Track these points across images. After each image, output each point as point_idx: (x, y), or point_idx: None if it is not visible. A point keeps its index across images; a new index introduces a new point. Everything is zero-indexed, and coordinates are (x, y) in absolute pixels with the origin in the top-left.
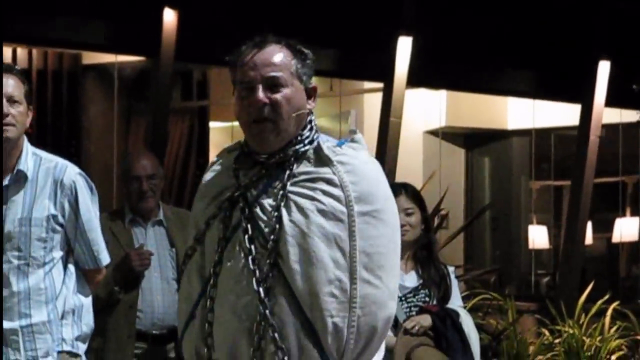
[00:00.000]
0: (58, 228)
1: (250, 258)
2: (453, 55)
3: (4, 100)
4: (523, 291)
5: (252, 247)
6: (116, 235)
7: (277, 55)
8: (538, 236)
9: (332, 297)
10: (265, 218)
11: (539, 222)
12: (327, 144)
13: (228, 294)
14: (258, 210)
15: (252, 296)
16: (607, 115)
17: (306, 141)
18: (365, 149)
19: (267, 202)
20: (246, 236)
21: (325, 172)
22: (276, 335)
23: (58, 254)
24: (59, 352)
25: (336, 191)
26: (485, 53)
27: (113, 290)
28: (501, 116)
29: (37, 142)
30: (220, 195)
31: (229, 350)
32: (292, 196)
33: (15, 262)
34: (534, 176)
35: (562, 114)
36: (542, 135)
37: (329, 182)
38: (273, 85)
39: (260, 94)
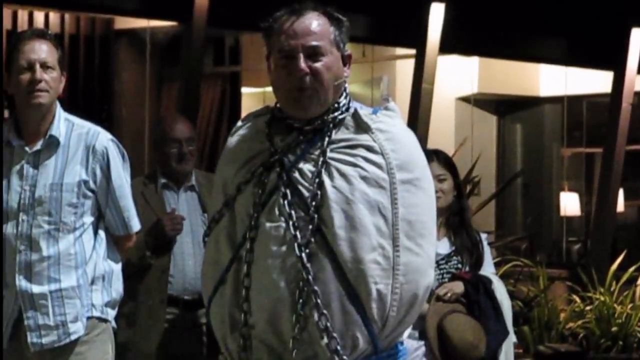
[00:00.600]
0: (89, 194)
1: (290, 223)
2: (485, 22)
3: (37, 66)
4: (554, 258)
5: (292, 212)
6: (148, 200)
7: (317, 23)
8: (569, 203)
9: (376, 264)
10: (305, 183)
11: (570, 189)
12: (362, 111)
13: (267, 259)
14: (297, 175)
15: (293, 261)
16: (639, 82)
17: (343, 108)
18: (399, 116)
19: (307, 167)
20: (285, 201)
21: (364, 139)
22: (319, 301)
23: (89, 219)
24: (89, 318)
25: (377, 158)
26: (517, 19)
27: (145, 255)
28: (533, 83)
29: (69, 106)
30: (252, 160)
31: (269, 315)
32: (332, 162)
33: (46, 226)
34: (565, 143)
35: (594, 81)
36: (574, 102)
37: (369, 149)
38: (314, 54)
39: (302, 63)
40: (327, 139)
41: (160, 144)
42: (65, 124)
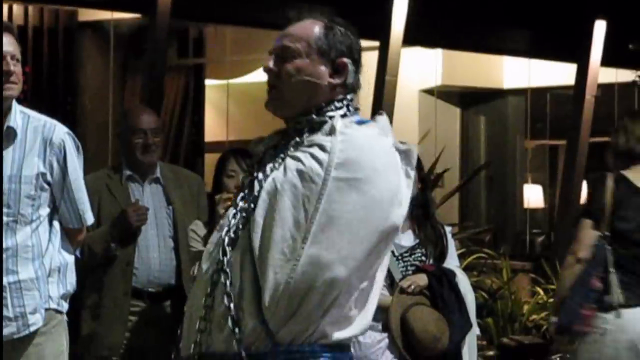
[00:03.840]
0: (46, 186)
1: (232, 213)
2: (449, 14)
3: (9, 59)
4: (518, 250)
5: (240, 202)
6: (113, 192)
7: (301, 27)
8: (533, 195)
9: (282, 254)
10: (260, 177)
11: (534, 182)
12: (346, 120)
13: (209, 246)
14: (261, 172)
15: (219, 247)
16: (602, 74)
17: (326, 113)
18: (379, 127)
19: (270, 165)
20: (240, 194)
21: (324, 139)
22: (228, 282)
23: (45, 211)
24: (46, 310)
25: (322, 155)
26: (481, 11)
27: (109, 247)
28: (497, 75)
29: (33, 99)
30: None
31: (192, 301)
32: (287, 158)
33: (4, 218)
34: (529, 135)
35: (557, 73)
36: (537, 94)
37: (321, 147)
38: (286, 55)
39: (270, 62)
40: (297, 139)
41: (125, 134)
42: (21, 116)
